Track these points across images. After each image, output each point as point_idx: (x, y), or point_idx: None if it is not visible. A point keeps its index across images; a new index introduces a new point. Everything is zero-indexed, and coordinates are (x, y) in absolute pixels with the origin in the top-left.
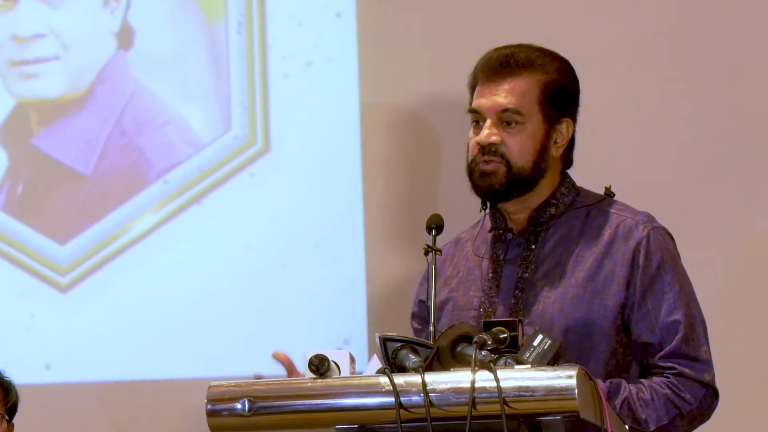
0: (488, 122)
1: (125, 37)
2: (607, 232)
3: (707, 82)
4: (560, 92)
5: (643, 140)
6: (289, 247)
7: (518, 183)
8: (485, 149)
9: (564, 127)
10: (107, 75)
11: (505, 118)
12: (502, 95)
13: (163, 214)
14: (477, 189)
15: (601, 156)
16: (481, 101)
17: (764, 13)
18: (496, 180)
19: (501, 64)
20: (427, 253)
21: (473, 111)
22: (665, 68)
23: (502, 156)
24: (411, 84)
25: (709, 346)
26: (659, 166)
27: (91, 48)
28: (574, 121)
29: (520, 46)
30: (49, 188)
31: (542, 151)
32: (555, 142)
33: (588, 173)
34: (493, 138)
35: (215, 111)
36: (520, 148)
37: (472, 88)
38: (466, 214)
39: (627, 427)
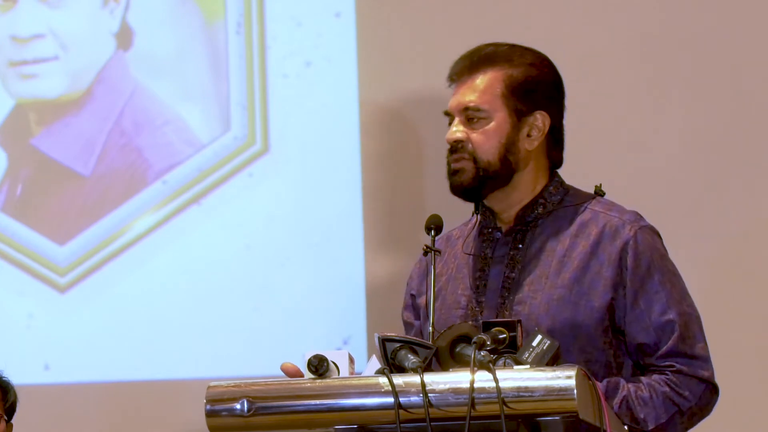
0: (455, 120)
1: (124, 37)
2: (594, 232)
3: (703, 82)
4: (528, 85)
5: (637, 139)
6: (288, 247)
7: (488, 178)
8: (452, 147)
9: (538, 119)
10: (106, 75)
11: (469, 115)
12: (464, 93)
13: (162, 215)
14: (451, 188)
15: (596, 154)
16: (450, 103)
17: (762, 12)
18: (466, 177)
19: (464, 63)
20: (426, 253)
21: (446, 113)
22: (661, 68)
23: (470, 153)
24: (410, 84)
25: (705, 342)
26: (654, 164)
27: (90, 48)
28: (553, 113)
29: (488, 44)
30: (48, 188)
31: (510, 145)
32: (528, 135)
33: (582, 171)
34: (458, 135)
35: (214, 111)
36: (484, 143)
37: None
38: (464, 215)
39: (626, 426)
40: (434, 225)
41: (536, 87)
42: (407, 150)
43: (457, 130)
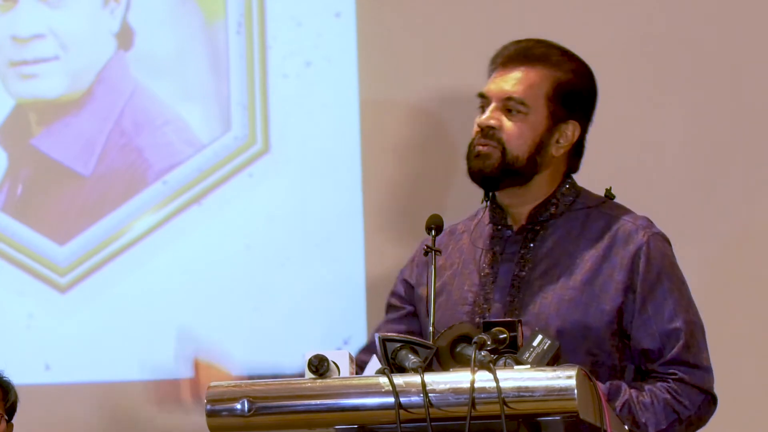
0: (492, 106)
1: (125, 37)
2: (607, 236)
3: (704, 83)
4: (571, 93)
5: (637, 140)
6: (288, 247)
7: (511, 172)
8: (484, 131)
9: (569, 128)
10: (107, 75)
11: (509, 106)
12: (510, 83)
13: (162, 215)
14: (470, 171)
15: (596, 155)
16: (490, 86)
17: (763, 12)
18: (489, 163)
19: (517, 54)
20: (426, 253)
21: (481, 95)
22: (661, 69)
23: (499, 141)
24: (410, 84)
25: (707, 352)
26: (654, 165)
27: (91, 48)
28: (583, 125)
29: (541, 40)
30: (48, 188)
31: (540, 146)
32: (557, 141)
33: (582, 172)
34: (492, 122)
35: (215, 111)
36: (518, 137)
37: (490, 76)
38: (466, 214)
39: (626, 427)
40: (434, 225)
41: (578, 97)
42: (408, 150)
43: (492, 117)
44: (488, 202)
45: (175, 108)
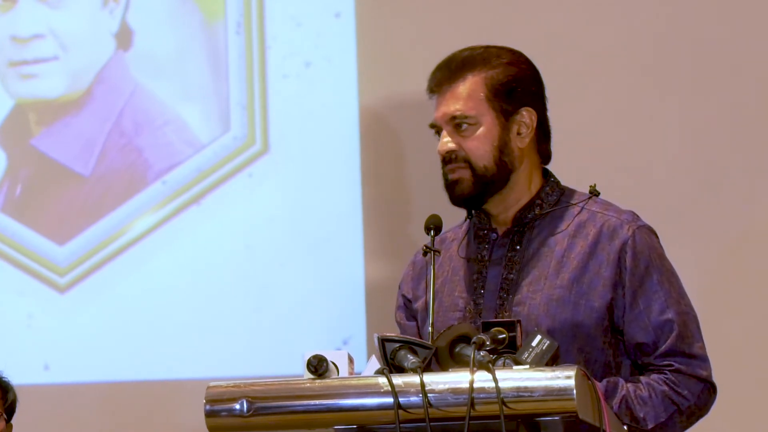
0: (444, 132)
1: (124, 37)
2: (592, 232)
3: (702, 83)
4: (509, 84)
5: (636, 140)
6: (288, 248)
7: (486, 183)
8: (446, 158)
9: (524, 116)
10: (106, 75)
11: (457, 124)
12: (449, 104)
13: (162, 215)
14: (451, 199)
15: (597, 154)
16: (435, 115)
17: (762, 13)
18: (465, 186)
19: (443, 73)
20: (425, 253)
21: (432, 126)
22: (660, 68)
23: (464, 160)
24: (410, 84)
25: (703, 342)
26: (653, 165)
27: (90, 48)
28: (538, 108)
29: (461, 50)
30: (48, 188)
31: (503, 146)
32: (518, 134)
33: (581, 171)
34: (450, 145)
35: (214, 111)
36: (477, 148)
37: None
38: (464, 215)
39: (625, 426)
40: (433, 225)
41: (517, 84)
42: (407, 150)
43: (448, 141)
44: (474, 213)
45: (174, 108)
